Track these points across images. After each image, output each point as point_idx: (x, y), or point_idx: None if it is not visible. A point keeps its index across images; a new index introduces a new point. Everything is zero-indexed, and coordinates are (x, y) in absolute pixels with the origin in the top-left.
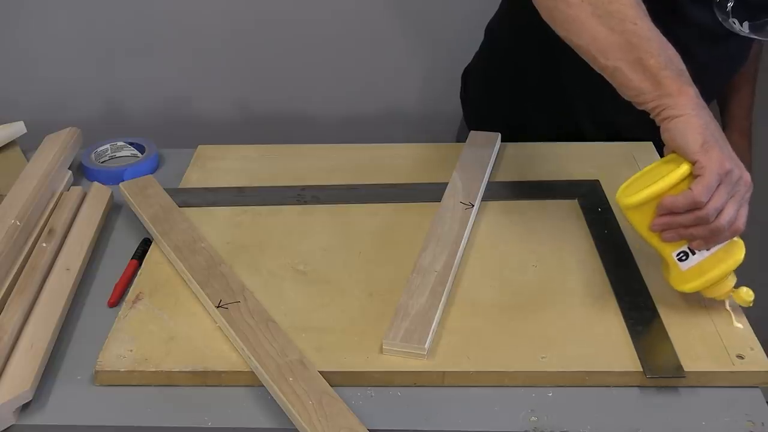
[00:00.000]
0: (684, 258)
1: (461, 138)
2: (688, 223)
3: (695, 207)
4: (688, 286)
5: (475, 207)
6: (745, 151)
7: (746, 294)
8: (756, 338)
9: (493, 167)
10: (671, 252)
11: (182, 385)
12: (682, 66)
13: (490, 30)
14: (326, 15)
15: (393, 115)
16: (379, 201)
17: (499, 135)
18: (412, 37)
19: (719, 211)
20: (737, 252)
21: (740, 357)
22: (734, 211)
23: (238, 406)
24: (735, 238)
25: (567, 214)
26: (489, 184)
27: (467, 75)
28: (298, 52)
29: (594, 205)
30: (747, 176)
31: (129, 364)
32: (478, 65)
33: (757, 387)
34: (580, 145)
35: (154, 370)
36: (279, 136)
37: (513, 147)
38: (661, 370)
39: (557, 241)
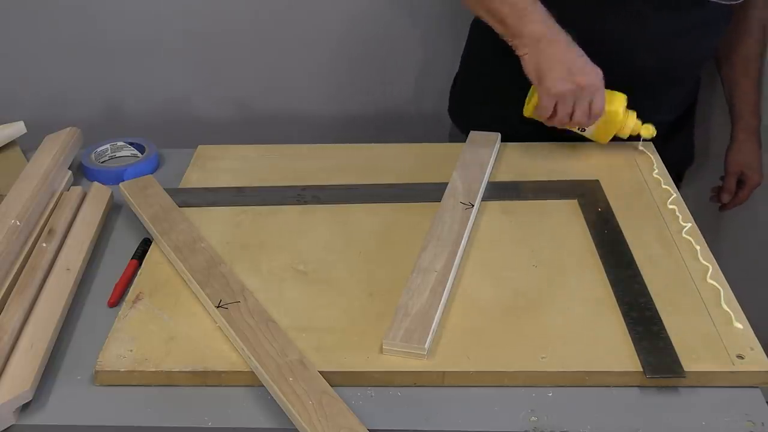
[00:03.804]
0: (583, 130)
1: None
2: (558, 123)
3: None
4: (601, 140)
5: (475, 207)
6: (754, 151)
7: (652, 130)
8: (756, 338)
9: (493, 167)
10: (573, 128)
11: (182, 385)
12: (524, 4)
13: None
14: (326, 15)
15: (393, 115)
16: (379, 201)
17: (499, 135)
18: (413, 37)
19: (571, 114)
20: (617, 103)
21: (740, 357)
22: (584, 110)
23: (238, 406)
24: (613, 94)
25: (567, 214)
26: (489, 184)
27: (453, 87)
28: (297, 52)
29: (594, 205)
30: (585, 82)
31: (129, 364)
32: (459, 74)
33: (757, 387)
34: (580, 145)
35: (154, 370)
36: (279, 136)
37: (513, 147)
38: (661, 370)
39: (557, 241)
